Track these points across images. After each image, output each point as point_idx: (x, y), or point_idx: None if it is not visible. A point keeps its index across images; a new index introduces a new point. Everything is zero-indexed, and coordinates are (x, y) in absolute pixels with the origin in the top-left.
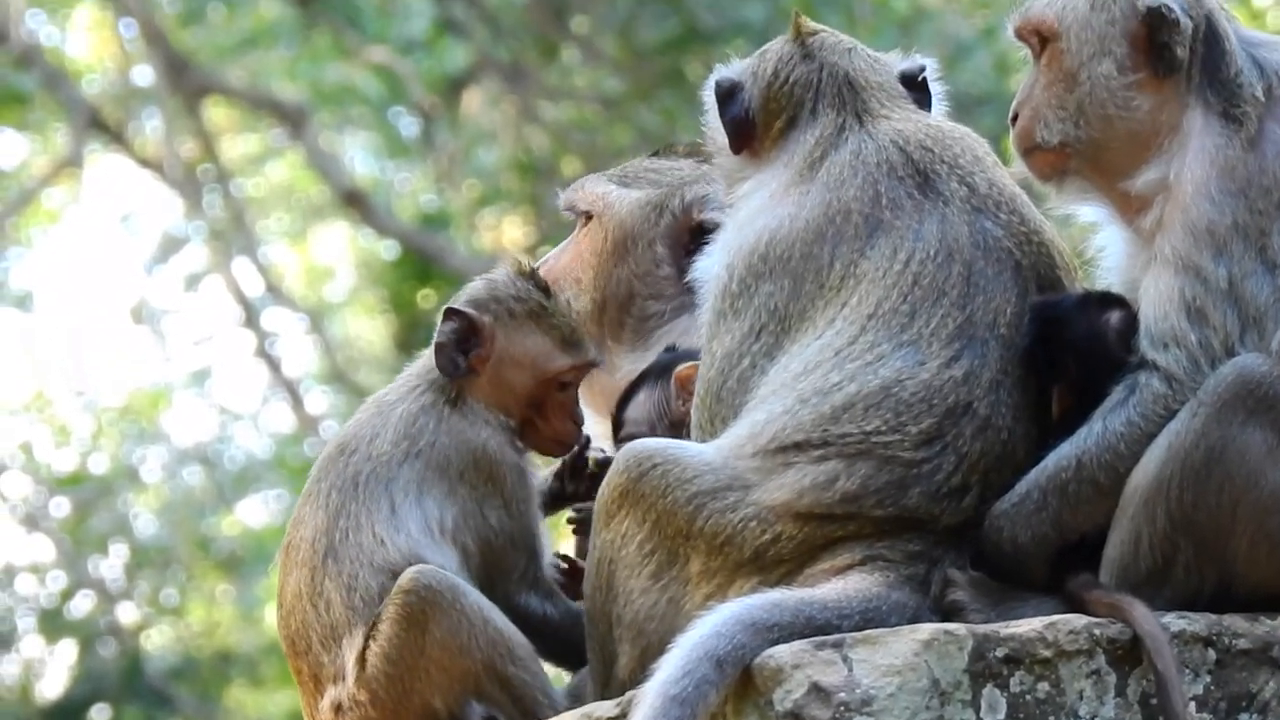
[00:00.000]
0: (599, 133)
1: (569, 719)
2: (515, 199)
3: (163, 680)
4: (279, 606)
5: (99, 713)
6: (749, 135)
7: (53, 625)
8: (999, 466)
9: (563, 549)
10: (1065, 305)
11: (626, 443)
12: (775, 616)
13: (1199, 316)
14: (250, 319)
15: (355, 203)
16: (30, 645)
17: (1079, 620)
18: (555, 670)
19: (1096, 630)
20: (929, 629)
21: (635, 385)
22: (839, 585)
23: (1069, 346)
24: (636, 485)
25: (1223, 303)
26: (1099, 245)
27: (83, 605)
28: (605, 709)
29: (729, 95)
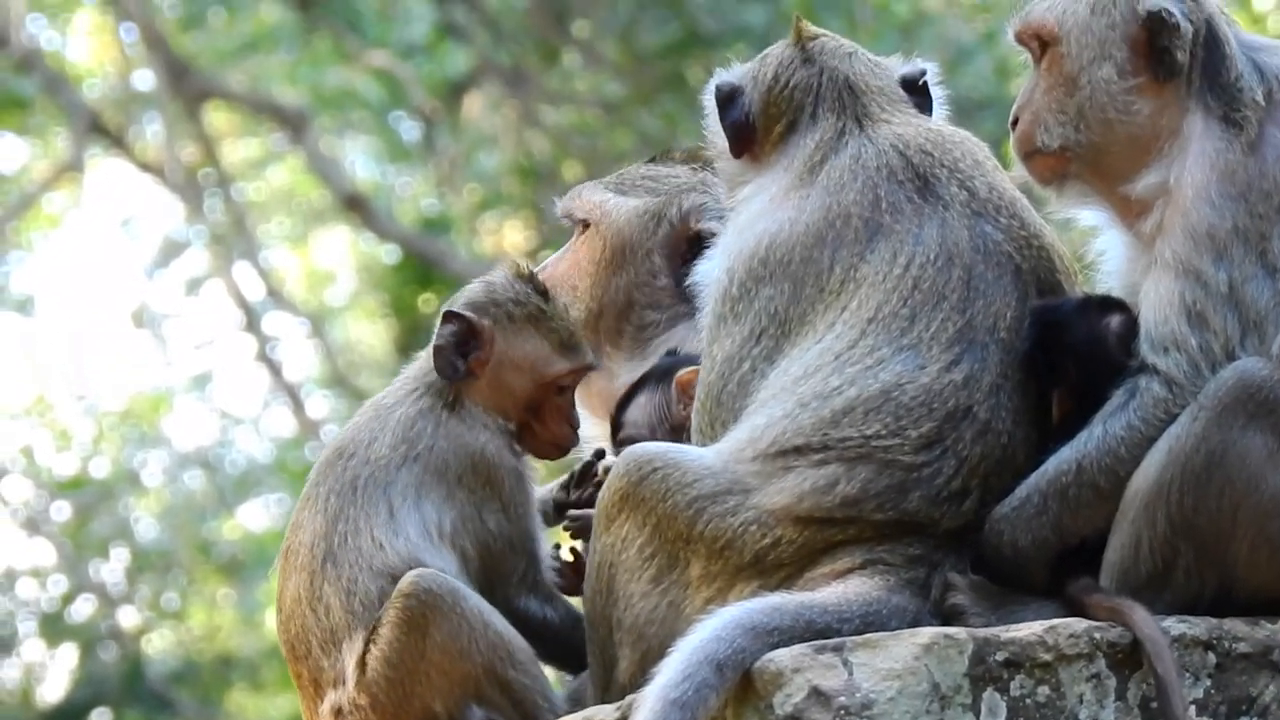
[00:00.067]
0: (600, 137)
1: None
2: (516, 203)
3: (164, 684)
4: (278, 611)
5: (100, 717)
6: (749, 139)
7: (54, 629)
8: (999, 470)
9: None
10: (1065, 309)
11: (626, 444)
12: (775, 620)
13: (1199, 320)
14: (251, 323)
15: (356, 207)
16: (31, 649)
17: (1079, 624)
18: (555, 674)
19: (1097, 634)
20: (929, 633)
21: (636, 388)
22: (839, 589)
23: (1069, 350)
24: (637, 489)
25: (1223, 307)
26: (1099, 249)
27: (84, 609)
28: (605, 713)
29: (729, 99)
